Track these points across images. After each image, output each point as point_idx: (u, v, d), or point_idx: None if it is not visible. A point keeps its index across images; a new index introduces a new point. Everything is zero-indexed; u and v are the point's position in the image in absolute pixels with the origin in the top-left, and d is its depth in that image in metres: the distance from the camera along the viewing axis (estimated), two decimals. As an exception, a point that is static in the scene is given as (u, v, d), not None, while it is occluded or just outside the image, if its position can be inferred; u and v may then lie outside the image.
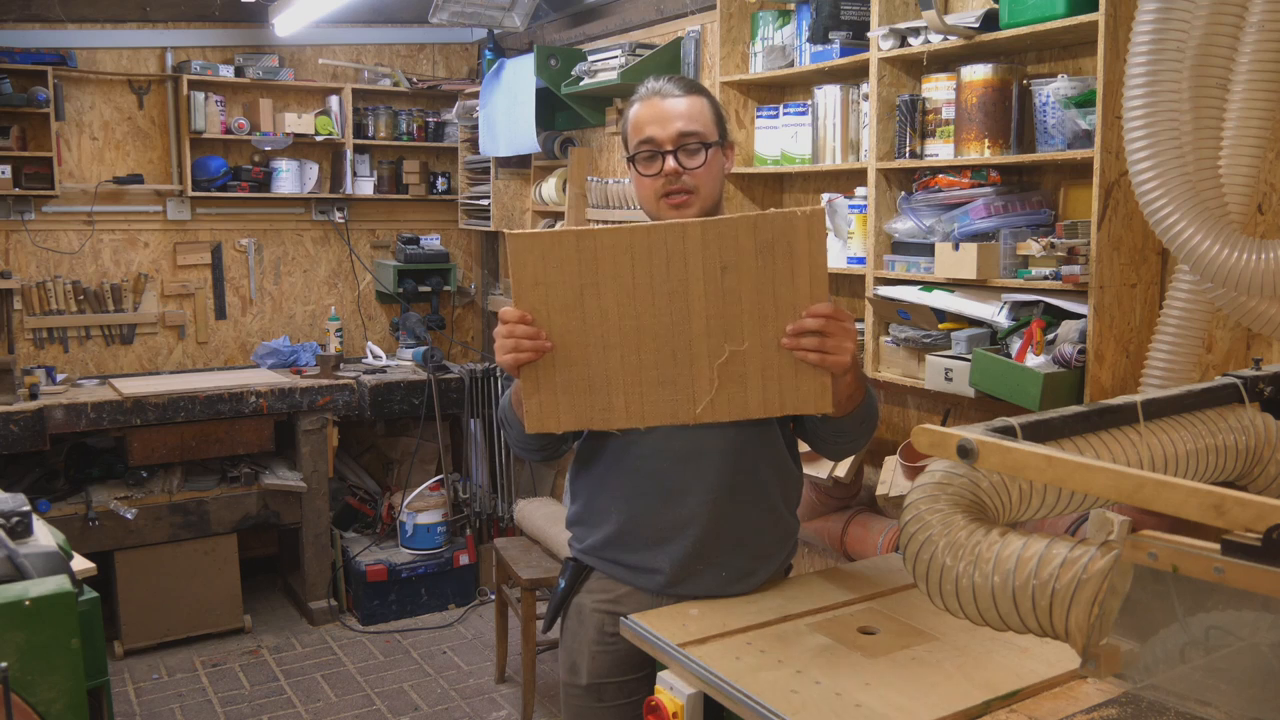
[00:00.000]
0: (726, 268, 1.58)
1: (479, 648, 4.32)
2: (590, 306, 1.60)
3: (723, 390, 1.60)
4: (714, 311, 1.59)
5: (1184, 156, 1.87)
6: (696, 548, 1.88)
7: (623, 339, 1.61)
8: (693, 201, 1.84)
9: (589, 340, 1.61)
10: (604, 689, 1.94)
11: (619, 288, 1.60)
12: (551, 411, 1.63)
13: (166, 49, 4.68)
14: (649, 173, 1.84)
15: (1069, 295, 2.37)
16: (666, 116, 1.84)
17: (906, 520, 1.29)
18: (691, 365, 1.60)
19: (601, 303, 1.60)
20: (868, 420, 1.83)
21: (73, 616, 1.55)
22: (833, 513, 3.02)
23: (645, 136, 1.84)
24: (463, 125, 5.09)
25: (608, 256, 1.59)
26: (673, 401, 1.61)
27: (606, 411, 1.62)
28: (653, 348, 1.61)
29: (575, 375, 1.62)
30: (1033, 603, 1.16)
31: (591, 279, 1.60)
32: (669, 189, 1.83)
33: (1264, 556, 0.98)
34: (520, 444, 1.92)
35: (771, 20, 3.21)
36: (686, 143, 1.83)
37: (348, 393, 4.55)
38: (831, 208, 2.98)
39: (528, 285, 1.61)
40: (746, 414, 1.61)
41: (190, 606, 4.30)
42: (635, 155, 1.86)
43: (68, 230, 4.60)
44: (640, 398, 1.61)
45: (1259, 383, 1.59)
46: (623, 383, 1.61)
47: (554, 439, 1.89)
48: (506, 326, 1.60)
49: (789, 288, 1.57)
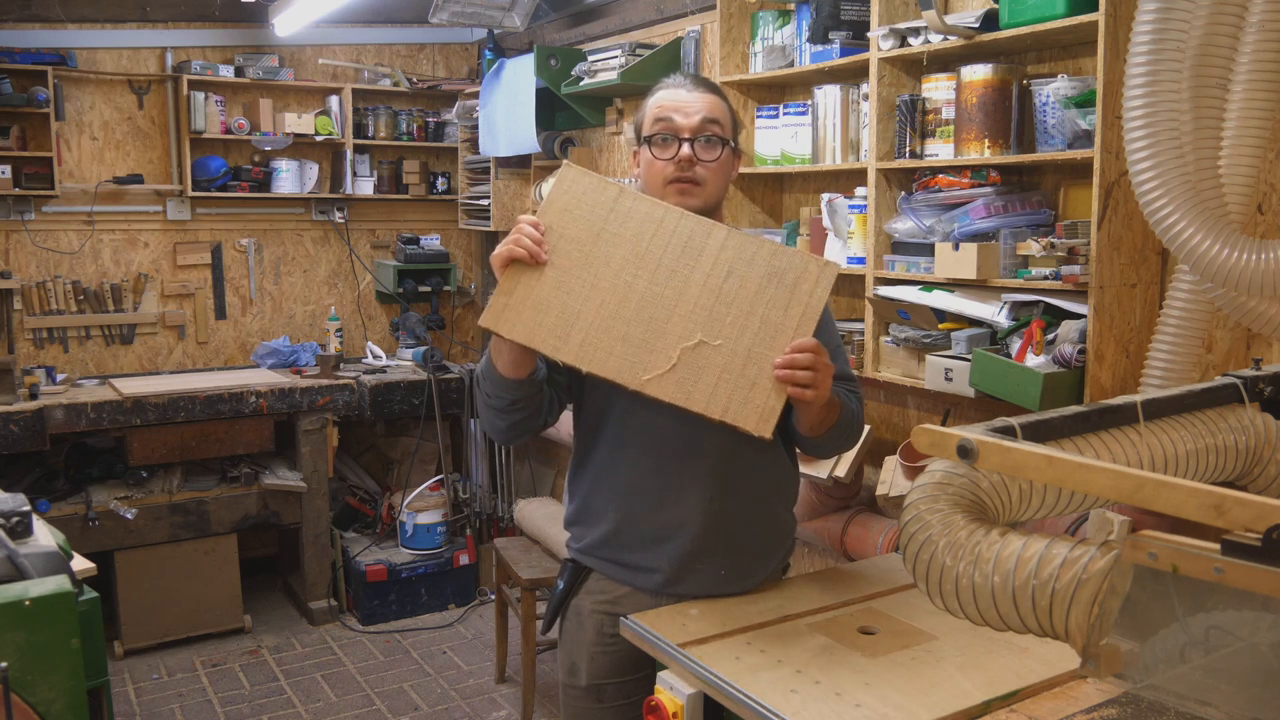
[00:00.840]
0: (732, 274, 1.71)
1: (479, 648, 4.32)
2: (599, 249, 1.71)
3: (675, 371, 1.66)
4: (704, 303, 1.69)
5: (1184, 156, 1.87)
6: (694, 546, 1.88)
7: (611, 288, 1.70)
8: (698, 194, 1.85)
9: (581, 276, 1.70)
10: (603, 690, 1.94)
11: (633, 248, 1.72)
12: (509, 318, 1.67)
13: (166, 49, 4.68)
14: (664, 155, 1.84)
15: (1069, 295, 2.37)
16: (691, 107, 1.85)
17: (906, 520, 1.29)
18: (660, 337, 1.68)
19: (610, 251, 1.71)
20: (845, 436, 1.89)
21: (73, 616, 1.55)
22: (833, 513, 3.02)
23: (666, 119, 1.84)
24: (463, 125, 5.09)
25: (637, 220, 1.73)
26: (626, 361, 1.67)
27: (559, 341, 1.67)
28: (633, 307, 1.69)
29: (549, 298, 1.68)
30: (1033, 603, 1.16)
31: (613, 229, 1.73)
32: (679, 175, 1.83)
33: (1264, 556, 0.98)
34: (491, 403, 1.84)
35: (771, 20, 3.21)
36: (707, 132, 1.84)
37: (348, 393, 4.55)
38: (831, 208, 2.98)
39: (556, 207, 1.74)
40: (687, 404, 1.65)
41: (190, 606, 4.30)
42: (651, 137, 1.86)
43: (68, 230, 4.60)
44: (596, 344, 1.67)
45: (1259, 383, 1.59)
46: (588, 324, 1.68)
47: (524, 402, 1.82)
48: (519, 226, 1.70)
49: (779, 314, 1.68)
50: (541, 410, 1.87)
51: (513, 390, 1.79)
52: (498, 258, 1.69)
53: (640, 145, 1.90)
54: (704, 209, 1.85)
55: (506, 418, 1.85)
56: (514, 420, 1.86)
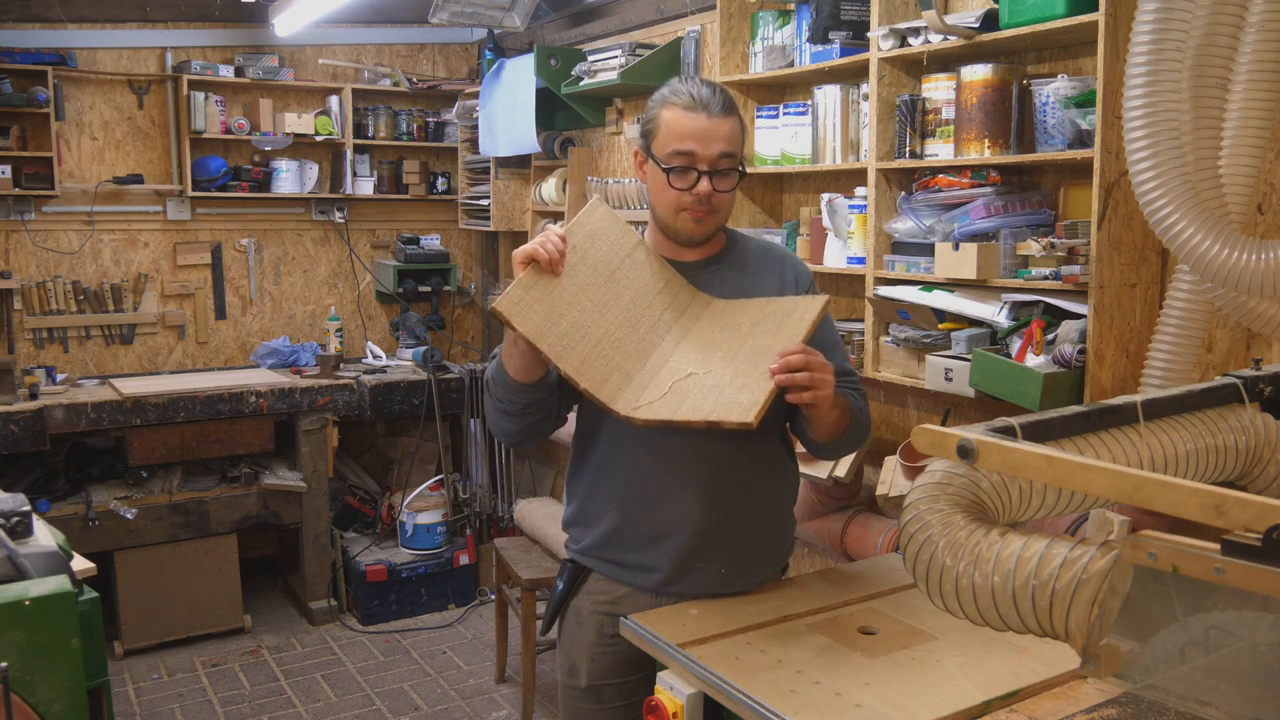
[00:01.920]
0: (725, 327, 1.82)
1: (479, 648, 4.32)
2: (613, 286, 1.81)
3: (666, 398, 1.71)
4: (698, 351, 1.78)
5: (1184, 156, 1.87)
6: (694, 545, 1.88)
7: (617, 323, 1.78)
8: (711, 221, 1.88)
9: (595, 299, 1.77)
10: (603, 690, 1.94)
11: (639, 294, 1.83)
12: (523, 311, 1.70)
13: (166, 49, 4.68)
14: (682, 186, 1.83)
15: (1069, 295, 2.37)
16: (711, 135, 1.81)
17: (906, 520, 1.29)
18: (654, 377, 1.75)
19: (622, 291, 1.81)
20: (856, 436, 1.90)
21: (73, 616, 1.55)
22: (833, 513, 3.02)
23: (685, 149, 1.81)
24: (463, 125, 5.09)
25: (646, 273, 1.86)
26: (619, 390, 1.72)
27: (564, 349, 1.71)
28: (634, 347, 1.77)
29: (564, 308, 1.74)
30: (1033, 603, 1.16)
31: (627, 273, 1.84)
32: (695, 207, 1.84)
33: (1264, 556, 0.98)
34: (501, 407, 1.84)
35: (771, 20, 3.21)
36: (723, 166, 1.83)
37: (348, 393, 4.55)
38: (831, 208, 2.98)
39: (583, 230, 1.83)
40: (673, 417, 1.67)
41: (190, 606, 4.30)
42: (670, 167, 1.82)
43: (68, 230, 4.60)
44: (595, 366, 1.72)
45: (1259, 383, 1.59)
46: (593, 345, 1.73)
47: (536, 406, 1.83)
48: (547, 233, 1.77)
49: (769, 339, 1.74)
50: (552, 414, 1.89)
51: (524, 394, 1.80)
52: (520, 253, 1.74)
53: (648, 157, 1.87)
54: (714, 230, 1.92)
55: (518, 422, 1.86)
56: (526, 424, 1.87)
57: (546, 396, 1.83)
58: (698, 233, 1.89)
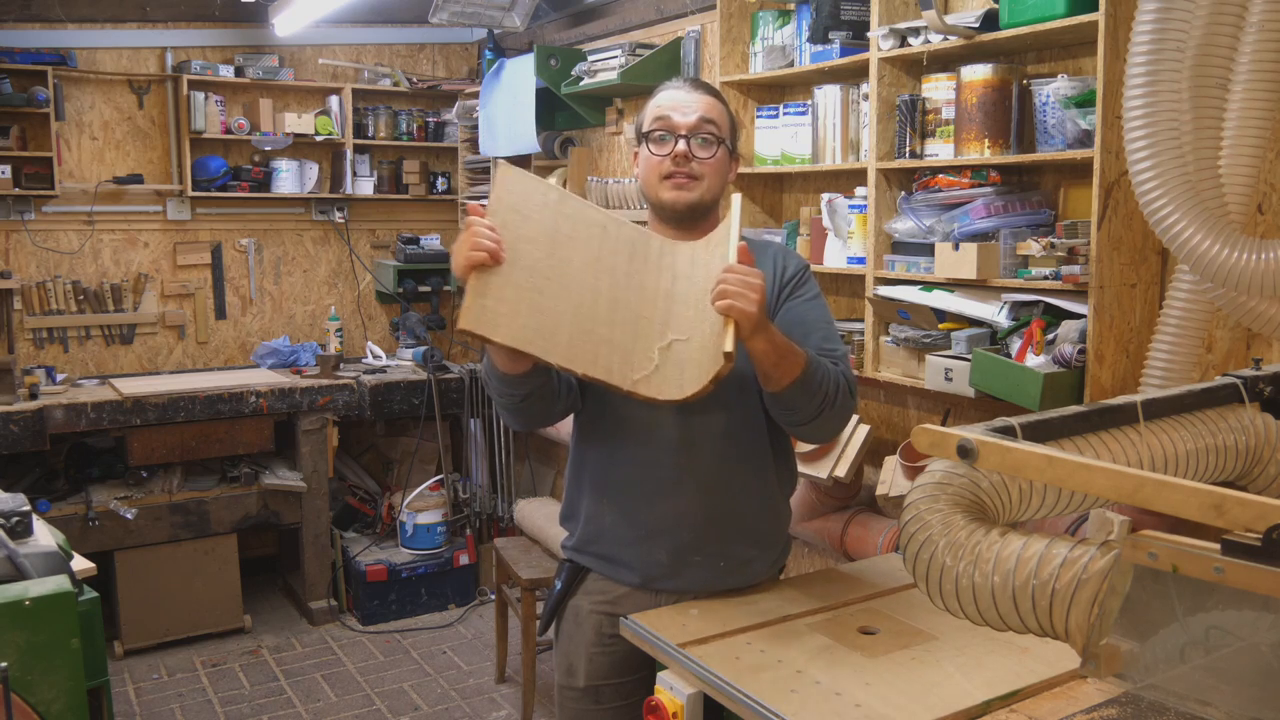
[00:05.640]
0: (677, 277, 1.74)
1: (479, 648, 4.32)
2: (559, 252, 1.69)
3: (660, 371, 1.64)
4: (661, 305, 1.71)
5: (1184, 156, 1.87)
6: (692, 538, 1.88)
7: (580, 290, 1.68)
8: (695, 188, 1.87)
9: (550, 277, 1.67)
10: (602, 691, 1.94)
11: (587, 251, 1.72)
12: (489, 320, 1.60)
13: (166, 49, 4.68)
14: (661, 152, 1.87)
15: (1069, 295, 2.37)
16: (689, 106, 1.87)
17: (906, 520, 1.29)
18: (635, 339, 1.67)
19: (569, 254, 1.70)
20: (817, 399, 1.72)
21: (73, 616, 1.55)
22: (833, 513, 3.02)
23: (663, 115, 1.87)
24: (463, 125, 5.09)
25: (583, 224, 1.74)
26: (614, 363, 1.65)
27: (546, 343, 1.62)
28: (604, 310, 1.68)
29: (524, 299, 1.63)
30: (1033, 603, 1.16)
31: (566, 232, 1.72)
32: (673, 170, 1.85)
33: (1264, 556, 0.98)
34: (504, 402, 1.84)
35: (771, 20, 3.21)
36: (703, 131, 1.86)
37: (348, 393, 4.55)
38: (831, 208, 2.98)
39: (505, 207, 1.69)
40: (681, 394, 1.61)
41: (190, 606, 4.30)
42: (649, 133, 1.88)
43: (68, 230, 4.59)
44: (582, 346, 1.64)
45: (1259, 383, 1.59)
46: (571, 326, 1.65)
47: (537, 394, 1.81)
48: (472, 228, 1.62)
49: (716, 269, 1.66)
50: (557, 395, 1.85)
51: (518, 386, 1.79)
52: (459, 266, 1.63)
53: (640, 144, 1.92)
54: (699, 205, 1.88)
55: (522, 412, 1.86)
56: (531, 413, 1.86)
57: (543, 384, 1.81)
58: (680, 201, 1.86)
